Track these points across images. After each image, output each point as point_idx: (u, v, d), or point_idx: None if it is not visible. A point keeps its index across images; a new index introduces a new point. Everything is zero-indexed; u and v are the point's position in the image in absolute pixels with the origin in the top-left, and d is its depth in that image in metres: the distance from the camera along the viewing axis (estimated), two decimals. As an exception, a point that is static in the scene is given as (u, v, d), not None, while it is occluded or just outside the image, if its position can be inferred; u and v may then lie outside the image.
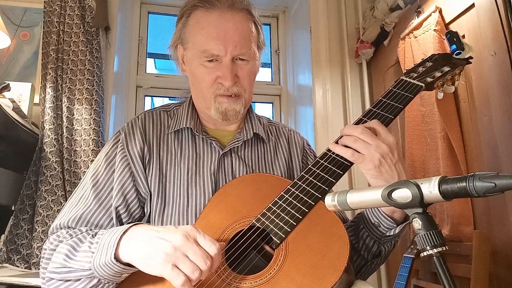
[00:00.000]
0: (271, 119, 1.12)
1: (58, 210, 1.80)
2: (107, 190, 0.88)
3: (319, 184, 0.79)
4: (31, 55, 2.13)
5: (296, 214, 0.76)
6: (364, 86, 2.33)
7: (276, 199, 0.80)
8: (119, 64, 2.30)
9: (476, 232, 1.39)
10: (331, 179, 0.79)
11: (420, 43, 1.77)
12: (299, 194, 0.79)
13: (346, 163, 0.80)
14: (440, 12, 1.70)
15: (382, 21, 2.15)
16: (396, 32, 2.06)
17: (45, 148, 1.87)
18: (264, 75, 2.76)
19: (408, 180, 0.55)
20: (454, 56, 0.96)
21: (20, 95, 1.97)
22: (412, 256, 1.54)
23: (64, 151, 1.90)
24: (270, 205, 0.79)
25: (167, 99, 2.66)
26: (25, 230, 1.79)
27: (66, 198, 1.84)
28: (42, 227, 1.77)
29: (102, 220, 0.85)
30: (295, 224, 0.75)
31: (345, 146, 0.80)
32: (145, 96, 2.55)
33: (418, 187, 0.53)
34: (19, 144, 1.83)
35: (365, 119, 0.85)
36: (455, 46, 0.96)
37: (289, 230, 0.74)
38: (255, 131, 0.99)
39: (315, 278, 0.67)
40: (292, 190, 0.80)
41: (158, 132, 0.96)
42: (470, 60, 0.96)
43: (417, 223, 0.54)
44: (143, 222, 0.88)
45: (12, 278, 1.48)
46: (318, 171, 0.81)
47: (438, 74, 0.92)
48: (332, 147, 0.82)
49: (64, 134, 1.92)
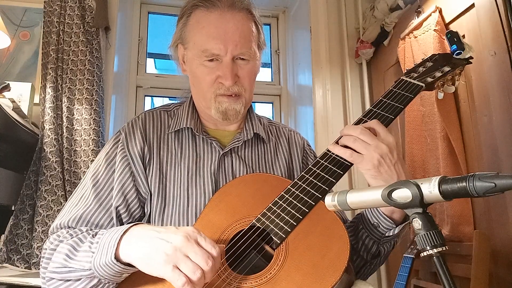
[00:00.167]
0: (272, 119, 1.12)
1: (58, 210, 1.80)
2: (107, 190, 0.88)
3: (319, 184, 0.79)
4: (31, 55, 2.13)
5: (296, 214, 0.76)
6: (364, 86, 2.33)
7: (276, 199, 0.80)
8: (119, 64, 2.30)
9: (476, 232, 1.39)
10: (331, 179, 0.79)
11: (420, 43, 1.77)
12: (299, 194, 0.79)
13: (346, 163, 0.80)
14: (440, 12, 1.70)
15: (382, 21, 2.15)
16: (396, 32, 2.06)
17: (45, 148, 1.87)
18: (264, 75, 2.76)
19: (408, 180, 0.55)
20: (455, 56, 0.96)
21: (20, 95, 1.97)
22: (412, 256, 1.54)
23: (64, 151, 1.90)
24: (270, 205, 0.79)
25: (167, 99, 2.66)
26: (25, 230, 1.80)
27: (66, 198, 1.84)
28: (42, 227, 1.77)
29: (102, 220, 0.85)
30: (296, 224, 0.75)
31: (344, 146, 0.80)
32: (145, 96, 2.55)
33: (418, 187, 0.53)
34: (19, 144, 1.83)
35: (365, 119, 0.85)
36: (455, 46, 0.96)
37: (289, 230, 0.74)
38: (255, 131, 0.99)
39: (315, 278, 0.67)
40: (292, 190, 0.80)
41: (158, 132, 0.95)
42: (470, 60, 0.96)
43: (417, 223, 0.54)
44: (143, 222, 0.88)
45: (12, 278, 1.48)
46: (318, 171, 0.81)
47: (438, 74, 0.92)
48: (332, 148, 0.82)
49: (64, 134, 1.92)
